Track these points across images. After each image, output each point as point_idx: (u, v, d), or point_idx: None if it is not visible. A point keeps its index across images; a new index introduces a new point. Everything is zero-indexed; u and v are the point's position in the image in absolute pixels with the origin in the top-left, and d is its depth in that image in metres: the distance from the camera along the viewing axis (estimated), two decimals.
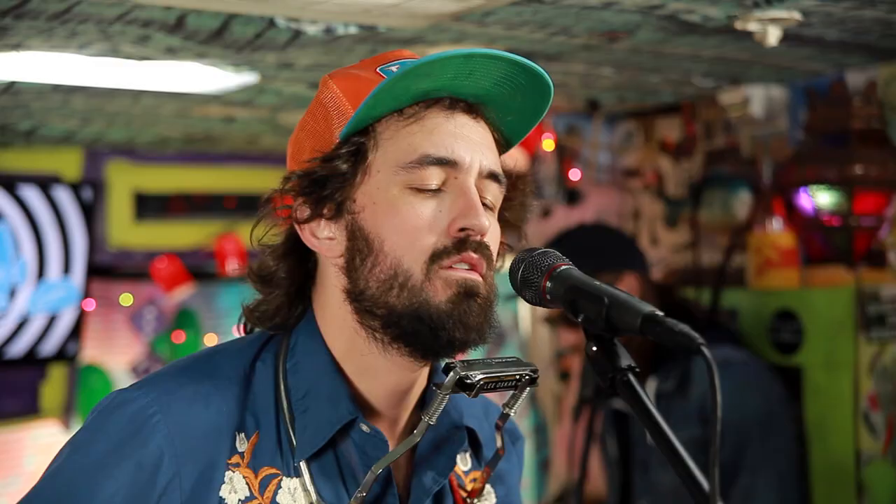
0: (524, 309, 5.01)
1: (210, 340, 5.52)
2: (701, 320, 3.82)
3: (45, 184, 5.08)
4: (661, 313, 1.47)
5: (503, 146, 1.84)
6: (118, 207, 5.32)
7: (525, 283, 1.63)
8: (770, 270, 3.98)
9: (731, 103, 4.06)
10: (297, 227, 1.77)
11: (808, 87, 3.94)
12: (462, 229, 1.68)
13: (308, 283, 1.83)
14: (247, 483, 1.69)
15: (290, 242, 1.81)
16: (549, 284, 1.61)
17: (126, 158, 5.33)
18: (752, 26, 2.97)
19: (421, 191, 1.70)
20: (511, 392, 1.77)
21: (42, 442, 5.16)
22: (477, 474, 1.92)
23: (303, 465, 1.71)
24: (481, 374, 1.66)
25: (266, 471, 1.71)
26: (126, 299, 5.37)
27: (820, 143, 3.91)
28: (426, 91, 1.72)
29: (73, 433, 1.73)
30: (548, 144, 4.67)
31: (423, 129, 1.72)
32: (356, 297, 1.72)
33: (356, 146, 1.72)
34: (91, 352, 5.34)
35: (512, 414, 1.81)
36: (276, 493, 1.70)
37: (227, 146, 5.36)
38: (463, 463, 1.92)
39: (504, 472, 1.99)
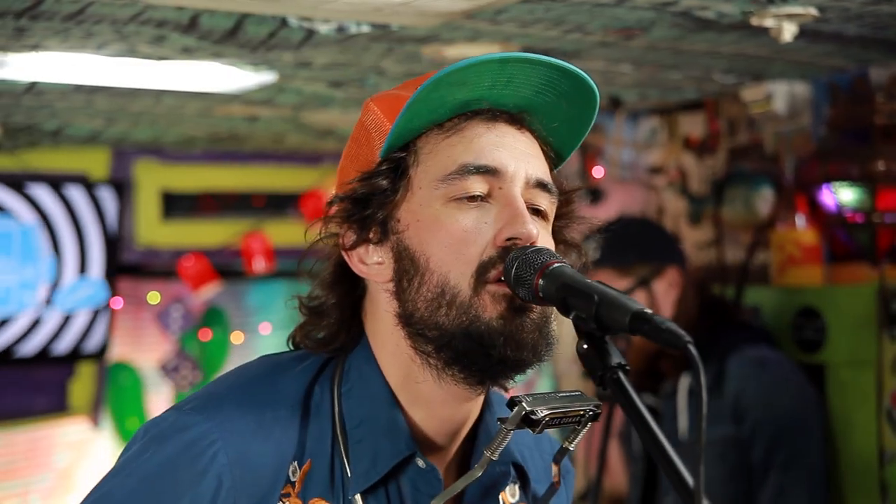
0: None
1: (237, 339, 5.55)
2: (738, 320, 3.81)
3: (63, 183, 5.12)
4: (649, 311, 1.46)
5: (553, 159, 1.78)
6: (146, 206, 5.36)
7: (518, 281, 1.60)
8: (793, 268, 3.95)
9: (754, 100, 4.03)
10: (345, 255, 1.73)
11: (831, 83, 3.91)
12: (509, 238, 1.63)
13: (359, 310, 1.78)
14: None
15: (338, 271, 1.76)
16: (541, 282, 1.57)
17: (153, 158, 5.37)
18: (769, 22, 2.95)
19: (463, 201, 1.65)
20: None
21: (71, 439, 5.20)
22: None
23: (358, 497, 1.66)
24: (547, 409, 1.60)
25: (316, 502, 1.66)
26: (153, 297, 5.41)
27: (842, 139, 3.88)
28: (464, 102, 1.67)
29: (127, 451, 1.67)
30: None
31: (462, 140, 1.67)
32: (407, 320, 1.67)
33: (395, 162, 1.68)
34: (121, 349, 5.38)
35: (571, 448, 1.73)
36: None
37: (252, 145, 5.38)
38: (511, 494, 1.86)
39: None
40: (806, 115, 4.02)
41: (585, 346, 1.54)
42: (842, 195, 3.85)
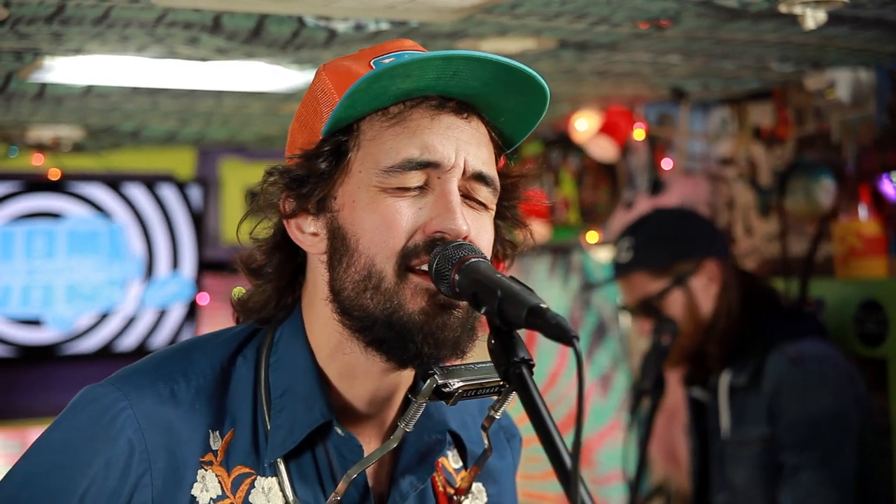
0: None
1: None
2: (786, 310, 3.70)
3: (153, 182, 5.27)
4: (545, 306, 1.46)
5: (500, 146, 1.76)
6: (231, 204, 5.48)
7: (438, 277, 1.60)
8: (855, 259, 3.85)
9: (818, 88, 3.94)
10: (284, 221, 1.74)
11: (891, 70, 3.80)
12: (437, 231, 1.63)
13: (299, 277, 1.79)
14: (219, 482, 1.67)
15: (278, 236, 1.77)
16: (457, 277, 1.57)
17: (238, 156, 5.49)
18: (798, 10, 2.88)
19: (403, 190, 1.65)
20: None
21: None
22: (466, 473, 1.87)
23: (281, 465, 1.69)
24: (461, 381, 1.62)
25: (239, 469, 1.68)
26: (238, 293, 5.52)
27: None
28: (409, 91, 1.66)
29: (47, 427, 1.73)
30: (638, 134, 4.62)
31: (406, 131, 1.66)
32: (336, 295, 1.68)
33: (336, 145, 1.68)
34: None
35: (497, 416, 1.73)
36: (248, 493, 1.68)
37: None
38: (455, 461, 1.88)
39: (497, 470, 1.94)
40: (871, 102, 3.91)
41: (493, 342, 1.54)
42: None
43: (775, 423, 3.40)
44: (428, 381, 1.62)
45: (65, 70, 3.41)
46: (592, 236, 4.98)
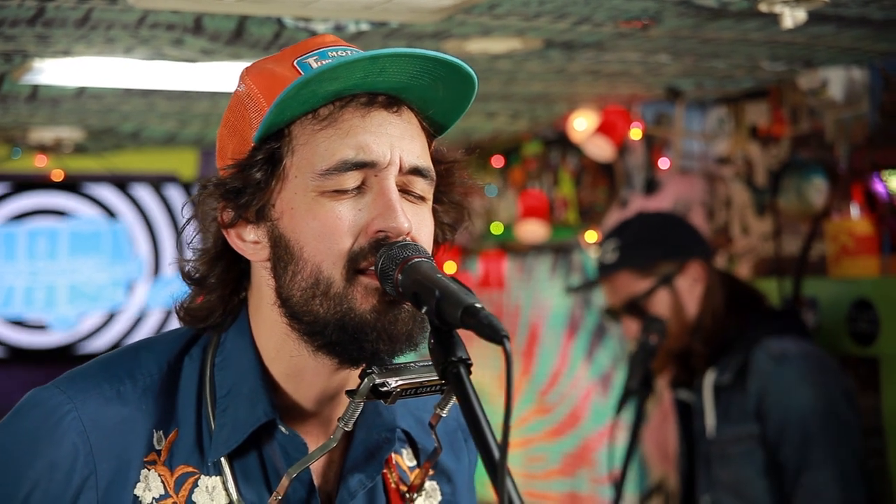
0: None
1: None
2: (768, 309, 3.71)
3: (158, 183, 5.31)
4: (480, 306, 1.47)
5: (432, 134, 1.78)
6: None
7: (383, 276, 1.61)
8: (847, 258, 3.84)
9: (811, 87, 3.93)
10: (223, 231, 1.73)
11: (882, 69, 3.79)
12: (379, 230, 1.64)
13: (243, 281, 1.79)
14: (162, 481, 1.68)
15: (219, 246, 1.76)
16: (400, 277, 1.58)
17: None
18: (777, 8, 2.88)
19: (340, 193, 1.65)
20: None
21: None
22: (419, 471, 1.87)
23: (225, 464, 1.70)
24: (399, 380, 1.63)
25: (183, 469, 1.69)
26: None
27: (892, 126, 3.75)
28: (338, 91, 1.66)
29: None
30: (635, 133, 4.62)
31: (338, 132, 1.66)
32: (283, 302, 1.69)
33: (269, 153, 1.68)
34: None
35: (443, 414, 1.73)
36: (192, 492, 1.69)
37: None
38: (409, 459, 1.89)
39: (451, 470, 1.95)
40: (864, 101, 3.90)
41: (432, 341, 1.55)
42: (891, 183, 3.73)
43: (765, 421, 3.41)
44: (365, 379, 1.62)
45: (55, 72, 3.44)
46: (591, 236, 4.99)
